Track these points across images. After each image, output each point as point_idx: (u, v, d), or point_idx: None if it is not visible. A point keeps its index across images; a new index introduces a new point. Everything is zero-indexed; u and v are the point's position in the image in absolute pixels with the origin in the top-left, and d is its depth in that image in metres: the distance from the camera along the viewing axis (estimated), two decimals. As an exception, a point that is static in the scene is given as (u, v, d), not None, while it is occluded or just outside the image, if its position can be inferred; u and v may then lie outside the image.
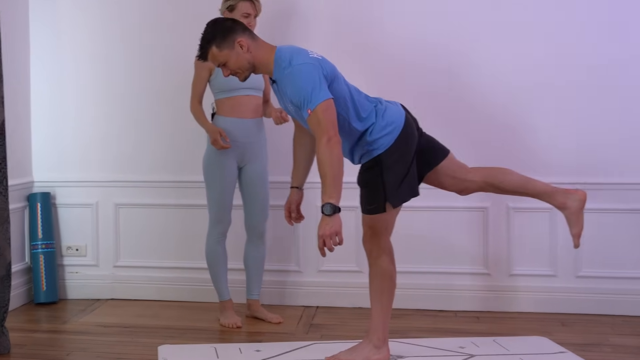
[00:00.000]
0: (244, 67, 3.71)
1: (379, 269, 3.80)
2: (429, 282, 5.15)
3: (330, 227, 3.42)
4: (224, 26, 3.72)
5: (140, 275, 5.46)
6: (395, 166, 3.69)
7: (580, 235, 3.85)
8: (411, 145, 3.75)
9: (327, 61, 3.69)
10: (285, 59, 3.62)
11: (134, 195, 5.48)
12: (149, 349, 4.22)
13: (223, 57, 3.70)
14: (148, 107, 5.44)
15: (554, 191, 3.87)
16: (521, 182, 3.90)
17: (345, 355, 3.89)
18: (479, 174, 3.92)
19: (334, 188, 3.45)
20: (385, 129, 3.71)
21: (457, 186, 3.95)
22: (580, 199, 3.84)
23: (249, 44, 3.69)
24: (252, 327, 4.71)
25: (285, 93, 3.64)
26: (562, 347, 4.17)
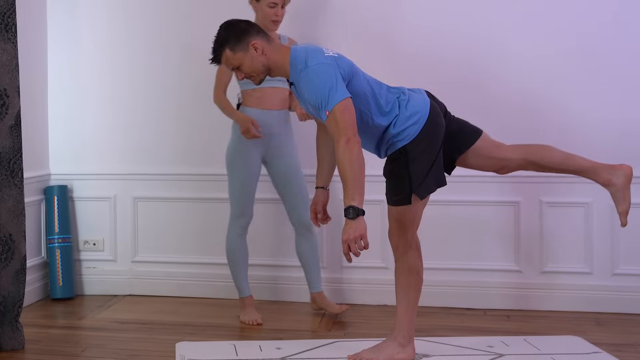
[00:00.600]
0: (258, 70, 3.71)
1: (405, 264, 3.76)
2: (457, 279, 5.10)
3: (355, 231, 3.37)
4: (237, 28, 3.71)
5: (159, 270, 5.46)
6: (421, 156, 3.66)
7: (627, 212, 3.77)
8: (438, 134, 3.72)
9: (344, 58, 3.67)
10: (301, 60, 3.61)
11: (153, 189, 5.47)
12: (167, 346, 4.21)
13: (237, 60, 3.69)
14: (168, 97, 5.43)
15: (597, 167, 3.81)
16: (562, 158, 3.84)
17: (368, 353, 3.85)
18: (518, 152, 3.87)
19: (355, 190, 3.40)
20: (410, 120, 3.68)
21: (495, 166, 3.91)
22: (626, 174, 3.76)
23: (263, 46, 3.68)
24: (273, 324, 4.69)
25: (303, 95, 3.64)
26: (597, 347, 4.10)
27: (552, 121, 4.96)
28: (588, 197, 4.93)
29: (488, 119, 4.54)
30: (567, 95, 4.98)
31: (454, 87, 4.97)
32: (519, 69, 5.02)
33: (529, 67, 5.01)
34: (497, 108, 5.03)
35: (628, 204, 3.76)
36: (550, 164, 3.84)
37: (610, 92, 4.94)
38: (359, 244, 3.38)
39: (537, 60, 5.00)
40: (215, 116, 4.85)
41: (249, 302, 4.78)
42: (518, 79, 5.03)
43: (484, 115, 4.71)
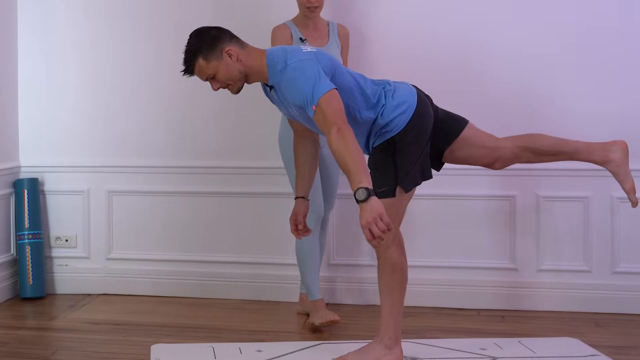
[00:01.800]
0: (235, 77, 3.69)
1: (388, 261, 3.74)
2: (449, 277, 5.09)
3: (371, 212, 3.24)
4: (209, 36, 3.69)
5: (135, 268, 5.43)
6: (409, 147, 3.66)
7: (634, 189, 3.77)
8: (427, 124, 3.73)
9: (323, 53, 3.68)
10: (280, 60, 3.61)
11: (129, 182, 5.45)
12: (142, 348, 4.18)
13: (211, 69, 3.67)
14: (147, 85, 5.41)
15: (592, 146, 3.83)
16: (556, 142, 3.87)
17: (353, 356, 3.84)
18: (510, 140, 3.89)
19: (360, 173, 3.33)
20: (398, 109, 3.68)
21: (489, 156, 3.89)
22: (622, 148, 3.79)
23: (238, 52, 3.67)
24: (254, 326, 4.68)
25: (286, 97, 3.63)
26: (595, 350, 4.09)
27: (547, 117, 4.94)
28: (587, 192, 4.92)
29: (481, 117, 4.51)
30: (564, 91, 4.98)
31: (446, 83, 4.97)
32: (512, 64, 5.01)
33: (523, 62, 5.00)
34: (491, 106, 5.01)
35: (632, 180, 3.77)
36: (544, 146, 3.85)
37: (609, 87, 4.94)
38: (380, 225, 3.24)
39: (531, 56, 4.99)
40: (199, 106, 4.84)
41: (320, 305, 4.66)
42: (512, 74, 5.02)
43: (477, 112, 4.67)
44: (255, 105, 4.92)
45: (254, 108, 5.00)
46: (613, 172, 3.80)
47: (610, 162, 3.78)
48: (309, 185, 4.04)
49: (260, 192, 5.22)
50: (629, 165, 3.78)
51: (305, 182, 4.03)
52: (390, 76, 4.05)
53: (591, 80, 4.94)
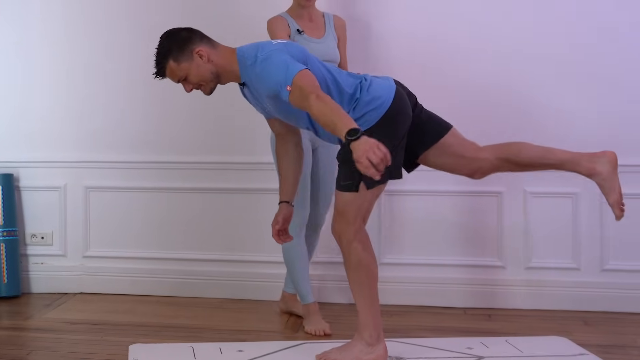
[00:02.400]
0: (207, 78, 3.72)
1: (351, 257, 3.73)
2: (434, 275, 5.09)
3: (366, 143, 3.18)
4: (179, 37, 3.71)
5: (113, 266, 5.43)
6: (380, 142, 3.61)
7: (620, 202, 3.72)
8: (402, 122, 3.70)
9: (294, 44, 3.71)
10: (250, 55, 3.64)
11: (107, 178, 5.44)
12: (120, 349, 4.16)
13: (182, 71, 3.70)
14: (124, 79, 5.40)
15: (578, 157, 3.77)
16: (540, 153, 3.82)
17: (335, 354, 3.84)
18: (491, 150, 3.85)
19: (344, 119, 3.29)
20: (371, 104, 3.66)
21: (468, 167, 3.88)
22: (610, 161, 3.73)
23: (208, 52, 3.70)
24: (236, 325, 4.67)
25: (259, 90, 3.65)
26: (583, 349, 4.09)
27: (531, 118, 4.98)
28: (576, 188, 4.93)
29: (463, 119, 4.54)
30: (547, 91, 5.00)
31: (429, 86, 4.93)
32: (497, 65, 5.03)
33: (508, 63, 5.02)
34: (475, 107, 5.03)
35: (619, 194, 3.72)
36: (527, 159, 3.81)
37: (592, 86, 4.96)
38: (378, 152, 3.17)
39: (516, 56, 5.01)
40: (178, 100, 4.82)
41: (314, 309, 4.63)
42: (496, 75, 5.04)
43: (459, 115, 4.69)
44: (234, 100, 4.88)
45: (234, 102, 4.95)
46: (599, 184, 3.75)
47: (597, 174, 3.73)
48: (293, 190, 4.04)
49: (241, 188, 5.23)
50: (617, 178, 3.72)
51: (289, 186, 4.03)
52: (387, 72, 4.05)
53: (585, 81, 4.97)
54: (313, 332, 4.48)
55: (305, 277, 4.64)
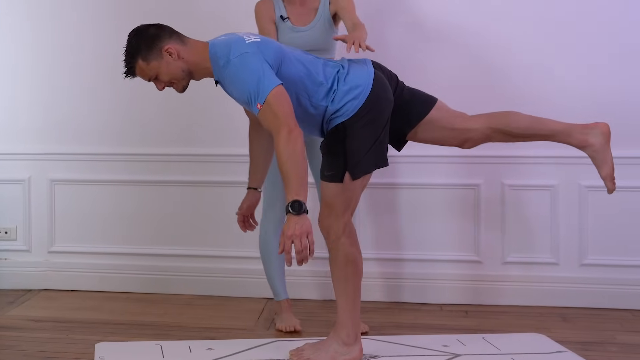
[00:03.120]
0: (178, 76, 3.70)
1: (339, 253, 3.72)
2: (410, 270, 5.09)
3: (301, 227, 3.32)
4: (147, 35, 3.68)
5: (79, 262, 5.39)
6: (361, 133, 3.63)
7: (612, 176, 3.71)
8: (383, 109, 3.69)
9: (268, 42, 3.67)
10: (223, 55, 3.61)
11: (73, 170, 5.40)
12: (86, 347, 4.15)
13: (152, 70, 3.68)
14: (89, 68, 5.35)
15: (570, 128, 3.76)
16: (531, 123, 3.80)
17: (309, 351, 3.83)
18: (481, 120, 3.83)
19: (301, 186, 3.38)
20: (349, 94, 3.65)
21: (458, 138, 3.87)
22: (603, 132, 3.70)
23: (178, 49, 3.67)
24: (205, 322, 4.67)
25: (231, 93, 3.64)
26: (561, 346, 4.10)
27: (520, 89, 4.97)
28: (554, 180, 4.94)
29: (449, 91, 4.53)
30: (534, 62, 5.00)
31: (410, 56, 4.98)
32: (481, 35, 5.03)
33: (492, 33, 5.02)
34: (460, 77, 5.02)
35: (611, 167, 3.70)
36: (518, 129, 3.79)
37: (582, 57, 4.96)
38: (304, 242, 3.32)
39: (500, 26, 5.01)
40: (142, 89, 4.78)
41: (286, 306, 4.61)
42: (480, 45, 5.04)
43: (446, 87, 4.70)
44: (206, 90, 4.86)
45: (205, 92, 4.94)
46: (591, 156, 3.73)
47: (589, 146, 3.71)
48: (262, 176, 4.08)
49: (211, 181, 5.21)
50: (609, 150, 3.70)
51: (258, 173, 4.06)
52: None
53: (560, 47, 4.97)
54: (283, 328, 4.47)
55: (280, 274, 4.62)
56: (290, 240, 3.32)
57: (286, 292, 4.62)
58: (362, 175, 3.66)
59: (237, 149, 4.85)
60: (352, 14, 4.33)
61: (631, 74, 4.90)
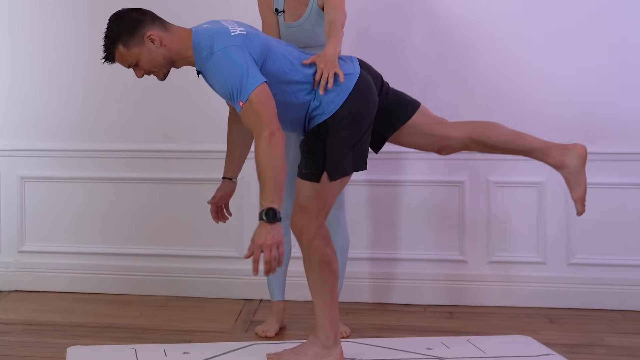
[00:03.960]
0: (159, 64, 3.67)
1: (313, 254, 3.72)
2: (392, 270, 5.09)
3: (272, 237, 3.33)
4: (129, 20, 3.64)
5: (51, 262, 5.36)
6: (343, 132, 3.62)
7: (584, 199, 3.82)
8: (367, 110, 3.69)
9: (254, 35, 3.64)
10: (206, 45, 3.58)
11: (44, 167, 5.37)
12: (57, 351, 4.14)
13: (133, 56, 3.64)
14: (64, 59, 5.32)
15: (548, 147, 3.84)
16: (511, 137, 3.87)
17: (289, 354, 3.83)
18: (462, 129, 3.88)
19: (276, 192, 3.39)
20: (332, 91, 3.65)
21: (437, 144, 3.92)
22: (580, 155, 3.81)
23: (161, 36, 3.63)
24: (181, 325, 4.65)
25: (213, 86, 3.62)
26: (548, 349, 4.11)
27: (500, 91, 4.98)
28: (541, 177, 4.93)
29: (427, 94, 4.54)
30: (516, 61, 4.99)
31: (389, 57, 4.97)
32: (460, 32, 5.02)
33: (471, 29, 5.01)
34: (437, 78, 5.03)
35: (584, 190, 3.81)
36: (498, 142, 3.86)
37: (566, 58, 4.95)
38: (274, 253, 3.33)
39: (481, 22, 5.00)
40: (117, 82, 4.77)
41: (276, 308, 4.57)
42: (459, 44, 5.03)
43: (425, 90, 4.70)
44: (184, 83, 4.83)
45: (183, 86, 4.92)
46: (565, 177, 3.85)
47: (565, 167, 3.82)
48: (238, 166, 4.08)
49: (187, 179, 5.19)
50: (584, 173, 3.81)
51: (234, 162, 4.06)
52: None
53: (544, 47, 4.97)
54: (259, 332, 4.48)
55: (277, 274, 4.54)
56: (259, 249, 3.33)
57: (281, 293, 4.58)
58: (340, 177, 3.65)
59: (215, 144, 4.83)
60: (335, 10, 4.18)
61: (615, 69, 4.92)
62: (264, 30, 4.31)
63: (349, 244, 4.51)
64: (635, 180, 4.89)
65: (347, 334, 4.37)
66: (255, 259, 3.33)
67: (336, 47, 3.79)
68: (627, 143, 4.88)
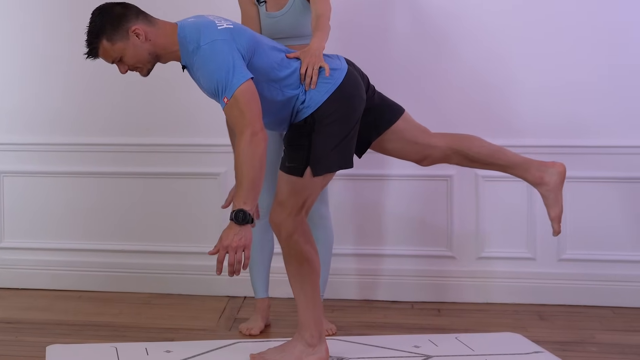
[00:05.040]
0: (144, 59, 3.63)
1: (292, 251, 3.71)
2: (379, 267, 5.08)
3: (240, 239, 3.34)
4: (113, 14, 3.60)
5: (30, 259, 5.35)
6: (329, 128, 3.62)
7: (560, 218, 3.86)
8: (355, 106, 3.69)
9: (241, 29, 3.63)
10: (192, 39, 3.55)
11: (23, 162, 5.35)
12: (36, 350, 4.11)
13: (117, 51, 3.60)
14: (44, 51, 5.30)
15: (528, 163, 3.88)
16: (492, 151, 3.91)
17: (273, 353, 3.81)
18: (444, 140, 3.90)
19: (250, 193, 3.38)
20: (319, 84, 3.65)
21: (418, 154, 3.92)
22: (559, 172, 3.84)
23: (146, 30, 3.60)
24: (164, 322, 4.65)
25: (199, 80, 3.60)
26: (538, 346, 4.10)
27: (483, 84, 4.99)
28: (531, 171, 4.92)
29: (410, 85, 4.53)
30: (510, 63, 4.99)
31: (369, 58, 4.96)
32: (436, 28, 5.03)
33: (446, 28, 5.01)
34: (420, 70, 5.03)
35: (561, 208, 3.86)
36: (479, 155, 3.89)
37: (549, 52, 4.95)
38: (239, 256, 3.34)
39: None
40: (98, 73, 4.75)
41: (260, 306, 4.57)
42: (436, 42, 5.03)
43: (408, 82, 4.70)
44: (167, 76, 4.81)
45: (166, 78, 4.90)
46: (543, 195, 3.88)
47: (543, 184, 3.86)
48: None
49: (170, 173, 5.18)
50: (562, 191, 3.84)
51: None
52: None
53: (540, 47, 4.96)
54: (244, 330, 4.46)
55: (261, 269, 4.55)
56: (224, 250, 3.34)
57: (265, 291, 4.57)
58: (324, 172, 3.64)
59: (199, 138, 4.83)
60: (322, 3, 4.17)
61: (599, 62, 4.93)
62: (243, 23, 4.30)
63: (333, 239, 4.50)
64: (626, 175, 4.89)
65: (333, 331, 4.37)
66: (220, 260, 3.35)
67: (321, 41, 3.81)
68: (618, 136, 4.87)
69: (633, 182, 4.89)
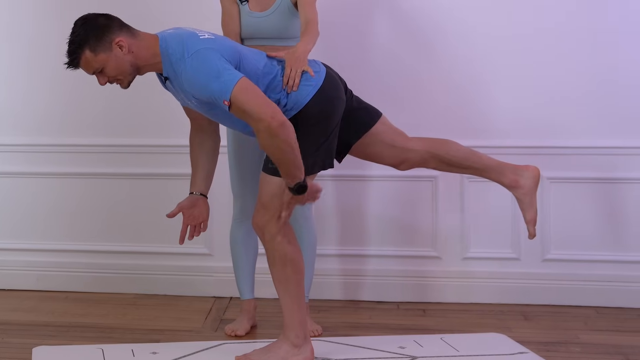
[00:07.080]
0: (126, 71, 3.63)
1: (276, 253, 3.74)
2: (364, 267, 5.09)
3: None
4: (96, 24, 3.59)
5: (15, 259, 5.33)
6: (311, 130, 3.66)
7: (535, 221, 3.95)
8: (335, 108, 3.73)
9: (223, 40, 3.68)
10: (175, 50, 3.56)
11: (9, 162, 5.33)
12: (22, 352, 4.12)
13: (99, 62, 3.59)
14: (30, 51, 5.29)
15: (503, 166, 3.97)
16: (468, 155, 3.97)
17: (258, 355, 3.82)
18: (421, 143, 3.96)
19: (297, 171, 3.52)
20: (301, 86, 3.69)
21: (396, 158, 3.97)
22: (533, 176, 3.93)
23: (129, 42, 3.60)
24: (150, 324, 4.65)
25: (186, 89, 3.59)
26: (523, 347, 4.11)
27: (462, 85, 5.00)
28: (515, 171, 4.94)
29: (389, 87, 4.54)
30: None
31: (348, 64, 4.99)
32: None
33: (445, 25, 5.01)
34: (400, 72, 5.04)
35: (535, 212, 3.95)
36: (455, 158, 3.95)
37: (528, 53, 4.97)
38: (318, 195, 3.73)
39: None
40: (85, 75, 4.71)
41: (246, 307, 4.57)
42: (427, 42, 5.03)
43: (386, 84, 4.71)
44: (152, 76, 4.79)
45: (152, 79, 4.85)
46: (518, 199, 3.97)
47: (518, 187, 3.94)
48: (204, 182, 4.02)
49: (156, 174, 5.18)
50: (536, 195, 3.93)
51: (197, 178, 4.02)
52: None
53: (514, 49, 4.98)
54: (230, 331, 4.47)
55: (247, 271, 4.56)
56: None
57: (251, 292, 4.57)
58: (307, 174, 3.65)
59: (186, 139, 4.78)
60: (309, 7, 4.19)
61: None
62: (223, 21, 4.33)
63: (316, 240, 4.51)
64: (610, 175, 4.91)
65: (319, 332, 4.38)
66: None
67: (308, 44, 3.84)
68: (600, 137, 4.89)
69: (614, 183, 4.91)
